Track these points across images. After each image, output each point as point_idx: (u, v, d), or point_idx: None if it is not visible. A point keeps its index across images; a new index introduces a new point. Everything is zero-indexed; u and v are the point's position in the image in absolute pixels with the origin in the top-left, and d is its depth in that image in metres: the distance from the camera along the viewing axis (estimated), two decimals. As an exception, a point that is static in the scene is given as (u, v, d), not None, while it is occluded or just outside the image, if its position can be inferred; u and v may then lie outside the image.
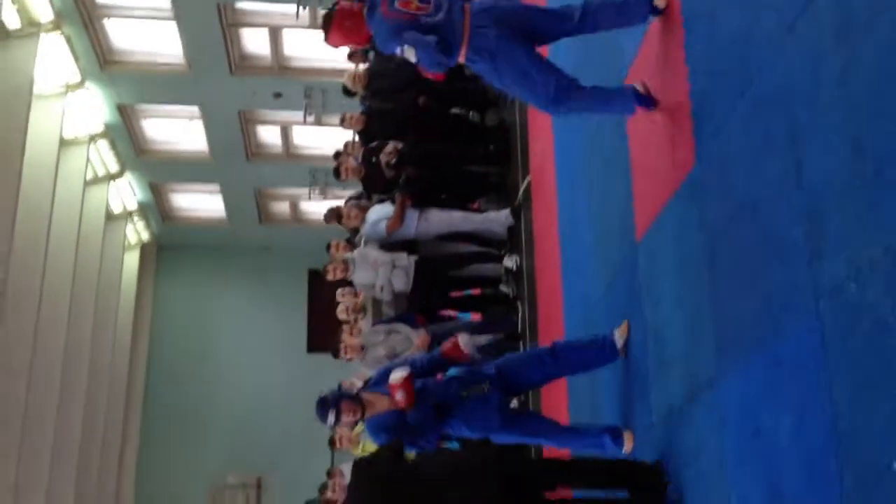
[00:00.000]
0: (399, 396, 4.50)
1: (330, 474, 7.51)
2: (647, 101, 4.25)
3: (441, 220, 7.73)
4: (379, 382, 4.75)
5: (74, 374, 12.39)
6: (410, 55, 4.20)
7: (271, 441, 14.59)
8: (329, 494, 7.38)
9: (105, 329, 13.65)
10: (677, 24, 4.08)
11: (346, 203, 8.30)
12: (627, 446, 4.54)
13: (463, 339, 4.82)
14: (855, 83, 2.66)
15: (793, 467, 2.95)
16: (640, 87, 4.27)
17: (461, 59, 4.20)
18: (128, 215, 14.60)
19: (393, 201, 7.67)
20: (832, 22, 2.79)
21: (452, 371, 4.71)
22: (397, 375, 4.54)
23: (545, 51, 4.54)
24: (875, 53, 2.57)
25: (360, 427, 6.66)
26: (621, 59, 4.90)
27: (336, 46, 4.60)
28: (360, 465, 4.49)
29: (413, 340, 7.11)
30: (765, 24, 3.23)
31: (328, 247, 8.09)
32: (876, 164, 2.54)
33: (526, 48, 4.17)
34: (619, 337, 4.68)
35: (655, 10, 4.19)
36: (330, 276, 7.76)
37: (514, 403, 7.73)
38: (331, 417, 4.64)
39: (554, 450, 5.43)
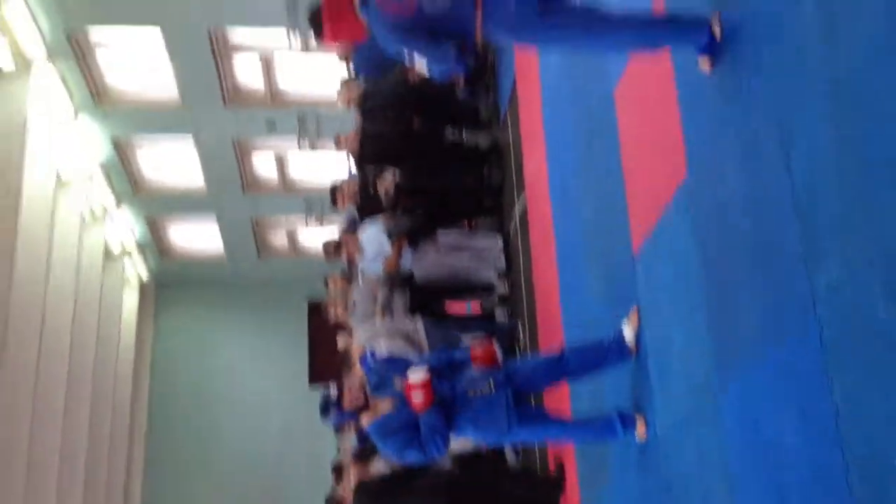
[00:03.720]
0: (417, 399, 4.27)
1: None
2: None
3: (435, 261, 7.77)
4: (379, 387, 4.61)
5: (77, 411, 12.36)
6: (421, 67, 3.70)
7: (275, 474, 14.60)
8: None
9: (106, 367, 13.62)
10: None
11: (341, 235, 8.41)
12: (640, 430, 4.40)
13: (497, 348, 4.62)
14: (844, 90, 2.67)
15: (798, 470, 2.93)
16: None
17: (478, 38, 3.62)
18: (126, 254, 14.59)
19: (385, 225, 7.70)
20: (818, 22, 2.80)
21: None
22: (417, 376, 4.32)
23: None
24: (859, 58, 2.58)
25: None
26: (608, 80, 4.95)
27: (333, 41, 4.04)
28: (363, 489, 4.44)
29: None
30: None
31: (326, 283, 8.14)
32: (867, 164, 2.54)
33: None
34: (628, 329, 4.53)
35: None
36: (332, 318, 7.83)
37: None
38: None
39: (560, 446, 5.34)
